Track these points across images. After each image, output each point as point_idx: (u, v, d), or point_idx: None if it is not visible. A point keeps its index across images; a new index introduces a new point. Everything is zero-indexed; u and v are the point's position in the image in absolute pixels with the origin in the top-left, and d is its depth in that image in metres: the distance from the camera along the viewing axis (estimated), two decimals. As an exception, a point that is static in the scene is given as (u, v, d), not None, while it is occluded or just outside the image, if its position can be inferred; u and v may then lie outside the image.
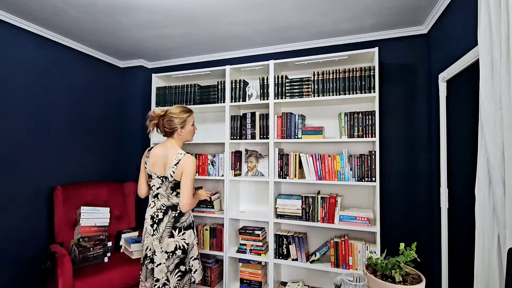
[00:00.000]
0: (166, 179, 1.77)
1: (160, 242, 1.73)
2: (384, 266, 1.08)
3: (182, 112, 1.86)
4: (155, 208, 1.79)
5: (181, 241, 1.74)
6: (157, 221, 1.76)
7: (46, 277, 2.10)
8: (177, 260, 1.73)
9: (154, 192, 1.81)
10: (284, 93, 2.46)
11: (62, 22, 2.31)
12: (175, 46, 2.80)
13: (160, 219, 1.76)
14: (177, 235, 1.74)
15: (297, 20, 2.25)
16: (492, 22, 1.13)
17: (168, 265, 1.71)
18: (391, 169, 2.42)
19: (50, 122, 2.52)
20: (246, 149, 2.80)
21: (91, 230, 2.42)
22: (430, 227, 2.30)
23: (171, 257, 1.72)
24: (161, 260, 1.71)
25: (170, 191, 1.78)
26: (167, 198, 1.78)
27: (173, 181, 1.76)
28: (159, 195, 1.80)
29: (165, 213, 1.76)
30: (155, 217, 1.77)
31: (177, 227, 1.75)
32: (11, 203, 2.20)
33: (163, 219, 1.75)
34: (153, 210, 1.79)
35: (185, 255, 1.75)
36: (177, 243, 1.73)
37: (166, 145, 1.85)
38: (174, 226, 1.74)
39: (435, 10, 2.06)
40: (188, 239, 1.77)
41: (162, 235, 1.73)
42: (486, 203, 1.22)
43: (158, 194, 1.80)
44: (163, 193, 1.79)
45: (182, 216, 1.78)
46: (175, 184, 1.77)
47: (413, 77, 2.39)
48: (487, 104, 1.17)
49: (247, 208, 2.81)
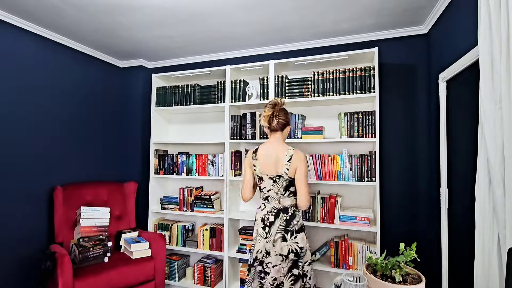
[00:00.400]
0: (280, 178, 1.73)
1: (274, 246, 1.71)
2: (384, 266, 1.08)
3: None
4: (265, 211, 1.76)
5: (294, 245, 1.70)
6: (268, 224, 1.73)
7: (46, 277, 2.10)
8: (290, 264, 1.68)
9: (265, 194, 1.79)
10: (284, 93, 2.46)
11: (62, 22, 2.31)
12: (175, 46, 2.80)
13: (271, 222, 1.73)
14: (290, 239, 1.70)
15: (297, 20, 2.25)
16: (492, 22, 1.13)
17: (285, 266, 1.69)
18: (391, 169, 2.42)
19: (50, 122, 2.52)
20: (246, 149, 2.80)
21: (91, 230, 2.42)
22: (430, 227, 2.30)
23: (284, 260, 1.69)
24: (277, 262, 1.69)
25: (282, 192, 1.74)
26: (277, 200, 1.75)
27: (288, 179, 1.73)
28: (269, 198, 1.77)
29: (276, 216, 1.73)
30: (265, 220, 1.75)
31: (289, 231, 1.71)
32: (11, 203, 2.20)
33: (275, 222, 1.72)
34: (263, 212, 1.77)
35: (297, 258, 1.70)
36: (290, 247, 1.69)
37: (273, 143, 1.79)
38: (286, 229, 1.70)
39: (435, 10, 2.06)
40: (301, 242, 1.71)
41: (274, 238, 1.71)
42: (486, 203, 1.22)
43: (268, 196, 1.77)
44: (274, 195, 1.75)
45: (293, 219, 1.73)
46: (289, 182, 1.74)
47: (413, 77, 2.39)
48: (487, 104, 1.17)
49: (247, 208, 2.81)
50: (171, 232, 2.82)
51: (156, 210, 2.88)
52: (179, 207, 2.79)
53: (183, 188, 2.79)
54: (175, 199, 2.83)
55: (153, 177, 2.94)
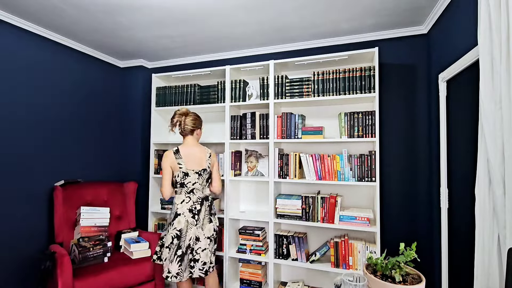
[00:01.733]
0: (204, 171, 2.09)
1: (203, 230, 2.02)
2: (384, 266, 1.08)
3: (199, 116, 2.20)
4: (191, 202, 2.03)
5: (215, 225, 2.09)
6: (196, 212, 2.02)
7: (46, 277, 2.10)
8: (213, 242, 2.07)
9: (189, 188, 2.05)
10: (284, 93, 2.46)
11: (62, 22, 2.31)
12: (175, 46, 2.80)
13: (198, 210, 2.03)
14: (213, 220, 2.09)
15: (297, 20, 2.25)
16: (492, 22, 1.13)
17: (211, 249, 2.04)
18: (391, 169, 2.42)
19: (50, 122, 2.52)
20: (246, 149, 2.80)
21: (91, 230, 2.42)
22: (430, 227, 2.30)
23: (211, 241, 2.04)
24: (205, 246, 2.01)
25: (205, 183, 2.10)
26: (201, 191, 2.08)
27: (209, 172, 2.13)
28: (194, 190, 2.06)
29: (201, 204, 2.05)
30: (193, 210, 2.02)
31: (212, 213, 2.10)
32: (11, 203, 2.20)
33: (201, 209, 2.04)
34: (189, 204, 2.02)
35: (217, 235, 2.11)
36: (213, 226, 2.08)
37: (190, 144, 2.13)
38: (210, 213, 2.09)
39: (435, 10, 2.06)
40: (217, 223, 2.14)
41: (203, 222, 2.03)
42: (486, 203, 1.22)
43: (193, 189, 2.05)
44: (198, 187, 2.07)
45: (212, 204, 2.13)
46: (209, 175, 2.13)
47: (413, 77, 2.39)
48: (487, 104, 1.17)
49: (247, 208, 2.81)
50: (171, 232, 2.81)
51: (156, 210, 2.88)
52: (179, 207, 2.79)
53: (183, 188, 2.80)
54: (175, 199, 2.82)
55: (153, 177, 2.94)
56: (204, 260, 2.00)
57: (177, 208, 2.02)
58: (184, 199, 2.03)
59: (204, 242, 2.01)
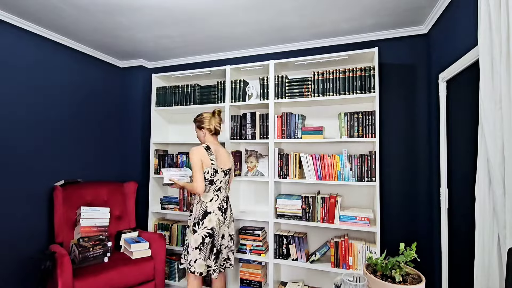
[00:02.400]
0: (229, 171, 2.13)
1: (228, 228, 2.08)
2: (384, 266, 1.08)
3: None
4: (219, 200, 2.04)
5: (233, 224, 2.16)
6: (224, 210, 2.05)
7: (46, 277, 2.10)
8: (233, 240, 2.14)
9: (217, 186, 2.05)
10: (284, 93, 2.46)
11: (62, 22, 2.31)
12: (175, 46, 2.80)
13: (225, 209, 2.07)
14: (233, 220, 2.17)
15: (297, 20, 2.25)
16: (492, 22, 1.13)
17: (231, 246, 2.11)
18: (391, 169, 2.42)
19: (50, 122, 2.52)
20: (246, 149, 2.80)
21: (91, 230, 2.42)
22: (430, 227, 2.30)
23: (231, 240, 2.11)
24: (227, 244, 2.06)
25: (226, 183, 2.14)
26: (225, 190, 2.12)
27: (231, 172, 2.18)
28: (221, 188, 2.08)
29: (226, 203, 2.09)
30: (222, 208, 2.04)
31: (232, 213, 2.17)
32: (11, 203, 2.20)
33: (227, 208, 2.09)
34: (218, 202, 2.03)
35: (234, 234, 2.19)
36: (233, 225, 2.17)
37: (216, 143, 2.16)
38: (231, 212, 2.16)
39: (435, 10, 2.06)
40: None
41: (230, 221, 2.10)
42: (486, 203, 1.22)
43: (221, 187, 2.07)
44: (224, 186, 2.10)
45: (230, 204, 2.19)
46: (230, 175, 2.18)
47: (413, 77, 2.39)
48: (487, 104, 1.17)
49: (247, 208, 2.81)
50: (171, 232, 2.82)
51: (156, 210, 2.88)
52: (179, 207, 2.79)
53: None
54: (175, 199, 2.83)
55: (153, 177, 2.94)
56: (224, 257, 2.06)
57: (207, 206, 1.98)
58: (213, 197, 2.02)
59: (226, 239, 2.05)
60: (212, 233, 1.95)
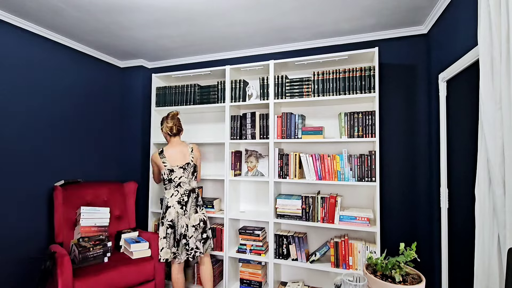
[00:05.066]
0: (188, 165, 2.26)
1: (189, 219, 2.22)
2: (384, 266, 1.08)
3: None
4: (179, 195, 2.22)
5: (202, 215, 2.28)
6: (184, 203, 2.21)
7: (46, 277, 2.10)
8: (200, 230, 2.24)
9: (177, 182, 2.23)
10: (284, 93, 2.46)
11: (62, 22, 2.31)
12: (175, 46, 2.80)
13: (186, 202, 2.22)
14: (200, 211, 2.27)
15: (297, 20, 2.25)
16: (492, 22, 1.13)
17: (197, 235, 2.22)
18: (391, 169, 2.42)
19: (50, 122, 2.52)
20: (246, 149, 2.80)
21: (91, 230, 2.42)
22: (430, 227, 2.30)
23: (197, 229, 2.22)
24: (192, 233, 2.20)
25: (191, 177, 2.28)
26: (188, 183, 2.26)
27: (194, 166, 2.29)
28: (181, 183, 2.24)
29: (188, 196, 2.24)
30: (181, 201, 2.21)
31: (198, 205, 2.28)
32: (11, 203, 2.20)
33: (188, 200, 2.23)
34: (178, 197, 2.22)
35: (205, 225, 2.28)
36: (200, 217, 2.26)
37: (175, 143, 2.32)
38: (196, 204, 2.27)
39: (435, 10, 2.06)
40: (205, 214, 2.32)
41: (190, 213, 2.23)
42: (486, 203, 1.22)
43: (180, 182, 2.24)
44: (185, 180, 2.25)
45: (198, 197, 2.31)
46: (194, 168, 2.29)
47: (413, 77, 2.39)
48: (487, 104, 1.17)
49: (247, 208, 2.81)
50: (171, 232, 2.81)
51: (156, 210, 2.88)
52: (179, 207, 2.79)
53: (183, 188, 2.80)
54: (175, 199, 2.82)
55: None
56: (192, 246, 2.20)
57: (168, 201, 2.23)
58: (173, 193, 2.23)
59: (190, 230, 2.20)
60: (172, 224, 2.19)
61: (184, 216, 2.21)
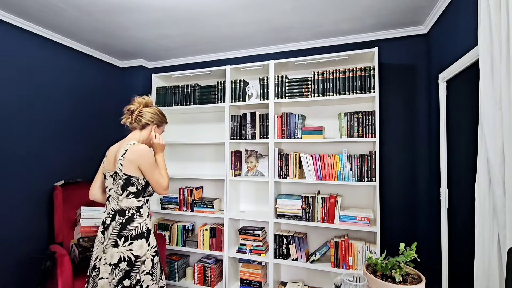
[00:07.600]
0: (116, 175, 1.49)
1: (104, 252, 1.45)
2: (384, 266, 1.08)
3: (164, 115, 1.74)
4: (106, 213, 1.53)
5: (127, 252, 1.43)
6: (105, 227, 1.49)
7: (46, 277, 2.10)
8: (120, 275, 1.41)
9: (107, 194, 1.55)
10: (284, 93, 2.46)
11: (62, 22, 2.31)
12: (175, 46, 2.80)
13: (108, 225, 1.48)
14: (122, 245, 1.44)
15: (297, 20, 2.25)
16: (492, 22, 1.13)
17: (111, 281, 1.41)
18: (391, 169, 2.42)
19: (50, 122, 2.52)
20: (246, 149, 2.80)
21: (91, 230, 2.42)
22: (430, 227, 2.30)
23: (113, 271, 1.42)
24: (104, 274, 1.42)
25: (120, 192, 1.49)
26: (116, 201, 1.50)
27: (124, 177, 1.47)
28: (110, 198, 1.53)
29: (112, 218, 1.49)
30: (104, 224, 1.51)
31: (123, 236, 1.45)
32: (11, 203, 2.20)
33: (110, 225, 1.48)
34: (105, 215, 1.54)
35: (131, 267, 1.43)
36: (122, 255, 1.43)
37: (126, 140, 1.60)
38: (119, 234, 1.45)
39: (435, 10, 2.06)
40: (137, 250, 1.45)
41: (107, 244, 1.46)
42: (486, 203, 1.22)
43: (109, 196, 1.53)
44: (113, 195, 1.51)
45: (130, 223, 1.47)
46: (126, 180, 1.47)
47: (413, 77, 2.39)
48: (487, 104, 1.17)
49: (247, 208, 2.81)
50: (171, 232, 2.82)
51: (156, 210, 2.88)
52: (179, 207, 2.79)
53: (183, 188, 2.79)
54: (175, 199, 2.83)
55: (153, 177, 2.93)
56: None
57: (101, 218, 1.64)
58: (106, 208, 1.56)
59: (102, 268, 1.43)
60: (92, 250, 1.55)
61: (102, 245, 1.48)
